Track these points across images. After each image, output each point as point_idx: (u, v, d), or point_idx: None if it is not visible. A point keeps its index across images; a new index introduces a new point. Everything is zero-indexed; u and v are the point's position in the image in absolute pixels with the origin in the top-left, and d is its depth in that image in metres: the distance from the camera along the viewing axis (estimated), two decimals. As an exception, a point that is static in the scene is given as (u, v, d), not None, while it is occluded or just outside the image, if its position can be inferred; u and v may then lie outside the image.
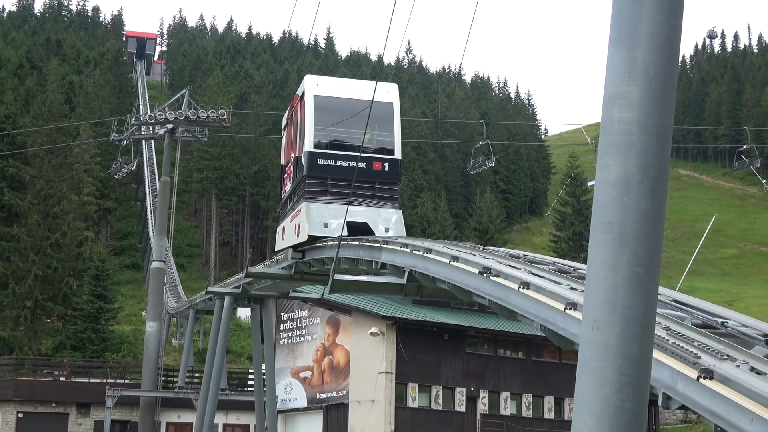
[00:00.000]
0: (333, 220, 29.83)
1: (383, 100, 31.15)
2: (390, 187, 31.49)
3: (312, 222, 29.97)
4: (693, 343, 10.57)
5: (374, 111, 29.67)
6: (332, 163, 30.84)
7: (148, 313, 60.29)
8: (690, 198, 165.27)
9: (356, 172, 29.00)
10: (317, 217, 29.91)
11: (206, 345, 59.92)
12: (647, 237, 5.61)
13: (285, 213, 35.85)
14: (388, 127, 31.65)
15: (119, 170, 70.94)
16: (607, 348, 5.60)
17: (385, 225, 30.39)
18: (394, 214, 31.02)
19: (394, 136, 31.63)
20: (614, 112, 5.64)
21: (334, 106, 31.01)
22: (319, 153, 30.93)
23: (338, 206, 29.86)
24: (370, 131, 30.95)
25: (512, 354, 58.86)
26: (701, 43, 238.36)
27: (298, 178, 32.27)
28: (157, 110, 64.54)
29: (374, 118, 30.00)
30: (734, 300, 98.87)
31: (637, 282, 5.59)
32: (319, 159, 30.91)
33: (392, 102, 31.85)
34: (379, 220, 30.46)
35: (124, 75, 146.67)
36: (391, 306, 56.41)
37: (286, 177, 36.14)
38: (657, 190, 5.62)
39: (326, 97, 31.40)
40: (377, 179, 31.10)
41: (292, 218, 33.01)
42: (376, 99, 29.63)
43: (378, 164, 31.21)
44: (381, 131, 31.74)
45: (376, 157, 31.39)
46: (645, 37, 5.54)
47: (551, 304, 13.92)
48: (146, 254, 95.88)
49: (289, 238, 33.45)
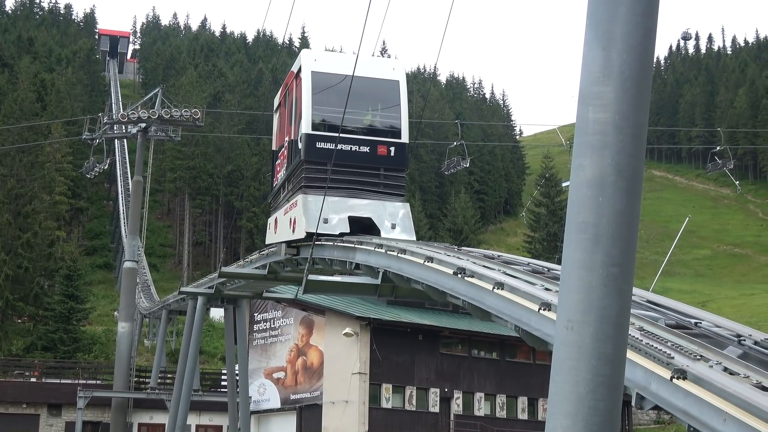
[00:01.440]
0: (333, 215, 27.09)
1: (388, 78, 28.80)
2: (397, 174, 28.73)
3: (310, 217, 26.83)
4: (666, 344, 10.61)
5: (379, 89, 28.58)
6: (332, 147, 27.23)
7: (121, 314, 60.03)
8: (664, 199, 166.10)
9: (358, 157, 27.55)
10: (315, 211, 26.24)
11: (179, 346, 59.68)
12: (622, 237, 5.63)
13: (278, 204, 32.71)
14: (394, 106, 28.86)
15: (91, 169, 70.67)
16: (581, 348, 5.62)
17: (392, 221, 27.81)
18: (401, 208, 28.38)
19: (401, 117, 28.77)
20: (589, 112, 5.66)
21: (333, 84, 27.78)
22: (317, 135, 27.96)
23: (339, 199, 27.34)
24: (374, 111, 28.82)
25: (486, 354, 58.97)
26: (675, 44, 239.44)
27: (294, 163, 29.40)
28: (130, 109, 64.29)
29: (379, 97, 28.76)
30: (707, 301, 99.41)
31: (611, 282, 5.61)
32: (317, 142, 27.94)
33: (398, 79, 28.95)
34: (384, 215, 27.85)
35: (96, 73, 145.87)
36: (365, 306, 56.40)
37: (278, 163, 33.14)
38: (632, 190, 5.64)
39: (325, 73, 28.19)
40: (382, 165, 28.28)
41: (287, 210, 30.08)
42: (380, 76, 28.38)
43: (383, 148, 28.36)
44: (386, 112, 29.04)
45: (381, 140, 28.52)
46: (620, 37, 5.57)
47: (525, 305, 13.93)
48: (118, 254, 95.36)
49: (282, 232, 30.82)
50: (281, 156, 32.39)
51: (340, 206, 27.25)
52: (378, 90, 28.66)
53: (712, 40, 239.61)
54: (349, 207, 27.20)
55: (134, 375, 60.23)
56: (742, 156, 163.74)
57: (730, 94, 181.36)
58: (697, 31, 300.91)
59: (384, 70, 28.80)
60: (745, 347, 10.91)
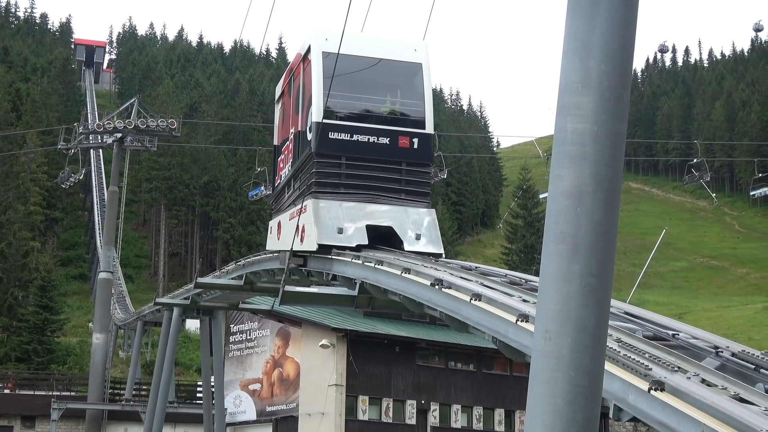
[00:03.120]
0: (349, 224, 23.74)
1: (410, 60, 25.18)
2: (421, 170, 25.32)
3: (322, 227, 23.59)
4: (644, 355, 10.63)
5: (399, 73, 25.56)
6: (347, 138, 24.26)
7: (95, 325, 59.80)
8: (641, 211, 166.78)
9: (377, 150, 24.29)
10: (329, 219, 23.62)
11: (154, 357, 59.46)
12: (600, 247, 5.63)
13: (281, 205, 28.88)
14: (416, 92, 25.37)
15: (66, 179, 70.43)
16: (559, 359, 5.61)
17: (416, 230, 24.27)
18: (426, 215, 24.73)
19: (424, 105, 25.29)
20: (567, 122, 5.65)
21: (348, 66, 24.22)
22: (330, 125, 24.24)
23: (355, 204, 24.05)
24: (393, 98, 25.50)
25: (463, 366, 58.94)
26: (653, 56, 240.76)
27: (302, 158, 25.59)
28: (106, 119, 64.13)
29: (399, 81, 25.71)
30: (684, 313, 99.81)
31: (589, 293, 5.61)
32: (330, 132, 24.26)
33: (421, 62, 25.22)
34: (407, 223, 24.38)
35: (72, 83, 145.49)
36: (341, 318, 56.28)
37: (281, 159, 29.22)
38: (610, 200, 5.64)
39: (340, 54, 23.87)
40: (404, 159, 24.78)
41: (293, 215, 26.01)
42: (400, 58, 25.17)
43: (405, 140, 24.79)
44: (407, 98, 25.66)
45: (403, 130, 24.93)
46: (598, 47, 5.57)
47: (503, 316, 13.93)
48: (93, 265, 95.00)
49: (288, 240, 26.40)
50: (285, 151, 28.63)
51: (356, 213, 24.00)
52: (398, 73, 25.58)
53: (689, 52, 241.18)
54: (367, 214, 23.94)
55: (109, 386, 59.93)
56: (719, 168, 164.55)
57: (707, 106, 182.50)
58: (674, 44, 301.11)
59: (405, 51, 25.32)
60: (723, 359, 10.94)
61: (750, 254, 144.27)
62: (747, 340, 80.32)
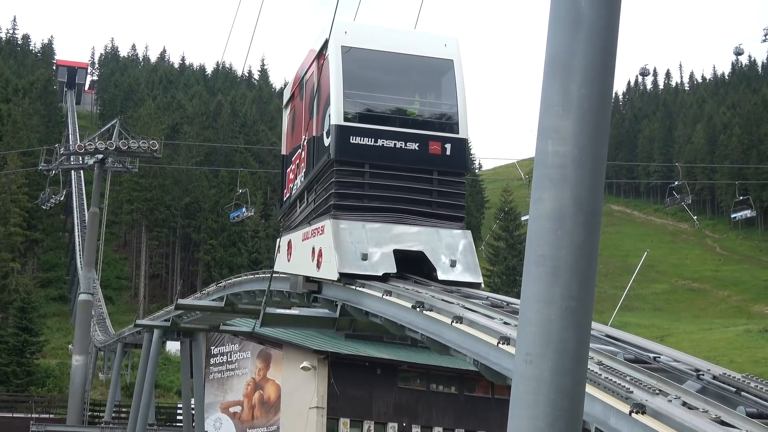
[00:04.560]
0: (374, 249, 20.67)
1: (440, 56, 22.36)
2: (455, 180, 22.37)
3: (344, 252, 20.56)
4: (625, 378, 10.62)
5: (428, 70, 22.85)
6: (371, 143, 21.24)
7: (75, 347, 59.51)
8: (622, 233, 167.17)
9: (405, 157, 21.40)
10: (351, 243, 20.62)
11: (134, 379, 59.18)
12: (581, 270, 5.63)
13: (292, 222, 25.55)
14: (447, 92, 22.53)
15: (47, 201, 70.24)
16: (540, 381, 5.59)
17: (450, 255, 21.39)
18: (461, 237, 21.86)
19: (457, 106, 22.31)
20: (548, 145, 5.66)
21: (371, 63, 21.90)
22: (351, 128, 21.21)
23: (381, 226, 21.07)
24: (422, 98, 22.61)
25: (445, 389, 58.84)
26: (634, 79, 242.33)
27: (319, 166, 22.42)
28: (87, 140, 64.08)
29: (428, 80, 22.98)
30: (665, 335, 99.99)
31: (570, 315, 5.60)
32: (351, 136, 21.24)
33: (452, 58, 22.37)
34: (440, 247, 21.48)
35: (53, 104, 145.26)
36: (323, 340, 56.14)
37: (291, 170, 25.84)
38: (591, 223, 5.64)
39: (360, 49, 21.65)
40: (435, 167, 21.74)
41: (307, 235, 23.04)
42: (430, 54, 22.42)
43: (436, 145, 21.71)
44: (438, 99, 22.94)
45: (434, 134, 21.88)
46: (579, 70, 5.58)
47: (484, 339, 13.90)
48: (74, 286, 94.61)
49: (300, 263, 23.71)
50: (296, 160, 25.26)
51: (382, 236, 20.97)
52: (427, 71, 22.82)
53: (669, 75, 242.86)
54: (394, 237, 20.94)
55: (88, 409, 59.60)
56: (700, 191, 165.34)
57: (688, 129, 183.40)
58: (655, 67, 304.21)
59: (434, 47, 22.44)
60: (704, 382, 10.95)
61: (731, 277, 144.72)
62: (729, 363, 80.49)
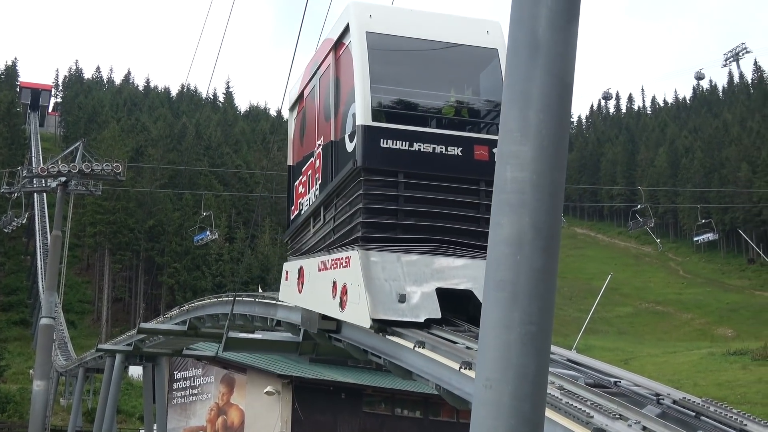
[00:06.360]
0: (413, 288, 15.80)
1: (482, 44, 17.40)
2: None
3: (377, 294, 15.62)
4: (586, 403, 10.62)
5: (468, 62, 17.83)
6: (405, 148, 16.29)
7: (36, 372, 58.90)
8: (586, 257, 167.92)
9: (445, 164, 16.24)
10: (385, 281, 15.80)
11: (96, 404, 58.73)
12: (539, 295, 5.64)
13: (303, 244, 20.27)
14: (492, 87, 17.37)
15: (9, 223, 69.81)
16: (499, 407, 5.59)
17: None
18: None
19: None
20: (507, 171, 5.68)
21: (402, 53, 17.37)
22: (381, 129, 16.23)
23: (419, 258, 16.08)
24: (460, 95, 17.52)
25: (409, 413, 58.72)
26: (597, 103, 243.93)
27: (340, 177, 17.14)
28: (50, 163, 63.62)
29: (469, 72, 17.87)
30: (630, 358, 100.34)
31: (529, 340, 5.61)
32: (382, 139, 16.27)
33: (497, 48, 17.33)
34: None
35: (17, 126, 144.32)
36: (287, 364, 55.98)
37: (300, 183, 20.70)
38: (549, 248, 5.66)
39: (387, 35, 16.90)
40: (482, 177, 16.32)
41: (326, 266, 17.97)
42: (470, 42, 17.45)
43: (482, 150, 16.59)
44: (481, 95, 17.73)
45: (479, 137, 16.73)
46: (537, 97, 5.62)
47: (446, 363, 13.87)
48: (35, 310, 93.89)
49: (316, 298, 18.73)
50: (307, 171, 20.13)
51: (421, 270, 16.06)
52: (468, 62, 17.89)
53: (632, 99, 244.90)
54: (436, 272, 15.99)
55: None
56: (663, 214, 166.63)
57: (650, 153, 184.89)
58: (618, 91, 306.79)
59: (475, 34, 17.62)
60: (664, 406, 10.98)
61: (694, 300, 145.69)
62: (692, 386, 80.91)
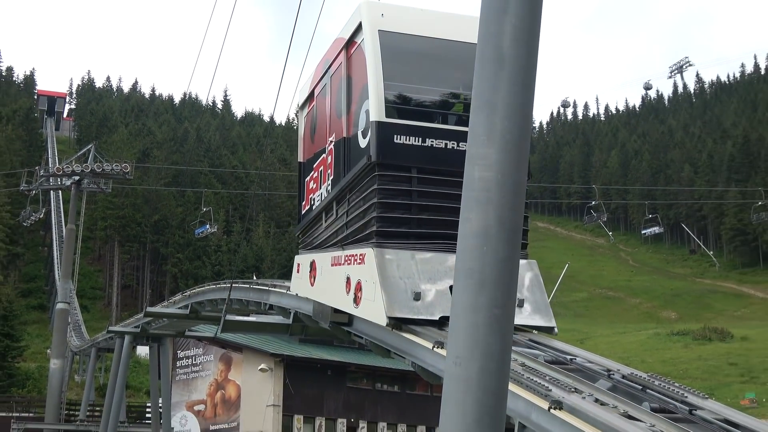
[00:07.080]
0: (428, 286, 14.61)
1: None
2: None
3: (392, 292, 14.52)
4: (545, 378, 10.66)
5: None
6: (419, 144, 15.18)
7: (53, 351, 58.54)
8: (546, 247, 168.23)
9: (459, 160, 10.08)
10: (400, 279, 14.67)
11: (107, 381, 58.45)
12: (504, 281, 5.66)
13: (315, 238, 19.12)
14: None
15: (28, 218, 69.39)
16: (468, 382, 5.61)
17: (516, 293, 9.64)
18: (526, 269, 15.72)
19: None
20: (475, 171, 5.70)
21: (413, 51, 16.09)
22: (395, 125, 15.18)
23: (433, 256, 14.96)
24: (468, 91, 15.17)
25: (389, 387, 58.77)
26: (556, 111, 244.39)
27: (353, 172, 16.15)
28: (65, 163, 63.28)
29: None
30: (585, 338, 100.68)
31: (495, 322, 5.63)
32: (395, 135, 15.19)
33: None
34: None
35: (35, 130, 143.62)
36: (279, 344, 55.90)
37: (311, 179, 19.48)
38: (512, 240, 5.68)
39: (399, 34, 15.81)
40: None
41: (339, 261, 16.92)
42: None
43: None
44: None
45: None
46: (502, 105, 5.64)
47: (421, 343, 13.88)
48: (52, 296, 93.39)
49: (328, 292, 17.74)
50: (318, 167, 18.88)
51: (435, 269, 14.88)
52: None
53: (587, 107, 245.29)
54: (449, 270, 14.48)
55: (65, 408, 58.76)
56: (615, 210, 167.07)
57: (604, 155, 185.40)
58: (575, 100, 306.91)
59: None
60: (614, 380, 11.03)
61: (642, 286, 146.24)
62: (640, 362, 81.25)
